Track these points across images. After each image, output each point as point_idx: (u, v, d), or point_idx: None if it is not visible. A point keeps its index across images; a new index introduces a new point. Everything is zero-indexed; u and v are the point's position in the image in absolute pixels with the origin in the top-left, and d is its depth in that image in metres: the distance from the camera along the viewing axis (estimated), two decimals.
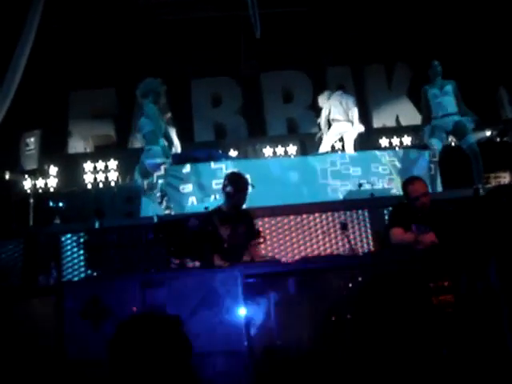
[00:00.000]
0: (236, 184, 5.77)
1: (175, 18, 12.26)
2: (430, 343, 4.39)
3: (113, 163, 12.09)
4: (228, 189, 5.76)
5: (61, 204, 9.27)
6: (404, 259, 4.90)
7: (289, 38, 12.41)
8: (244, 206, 6.06)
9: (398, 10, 12.57)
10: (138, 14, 12.11)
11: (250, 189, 5.90)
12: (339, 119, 10.53)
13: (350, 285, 4.66)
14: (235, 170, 7.65)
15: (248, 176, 6.28)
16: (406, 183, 5.86)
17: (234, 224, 5.72)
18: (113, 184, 11.77)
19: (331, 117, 10.65)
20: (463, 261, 4.78)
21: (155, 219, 7.48)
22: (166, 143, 8.57)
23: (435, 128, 8.93)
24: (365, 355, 4.36)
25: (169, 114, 10.59)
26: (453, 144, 10.28)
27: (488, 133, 11.39)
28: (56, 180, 11.64)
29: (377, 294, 4.64)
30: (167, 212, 7.99)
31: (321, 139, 10.83)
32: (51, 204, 9.29)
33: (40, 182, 11.37)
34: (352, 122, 10.41)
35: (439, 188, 9.02)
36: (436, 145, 8.85)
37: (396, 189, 8.66)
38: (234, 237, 5.66)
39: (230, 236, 5.66)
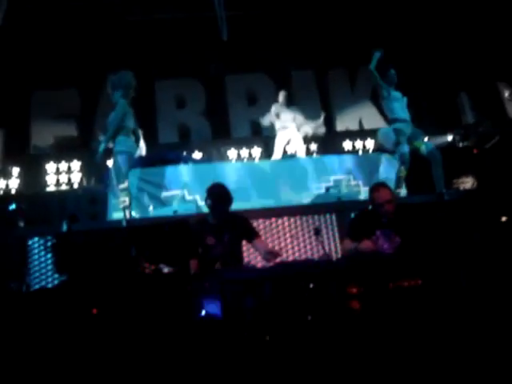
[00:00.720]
0: (215, 197, 5.79)
1: (140, 18, 12.19)
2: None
3: (76, 164, 11.94)
4: (208, 202, 5.81)
5: (23, 206, 9.15)
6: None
7: (254, 40, 12.44)
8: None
9: (362, 14, 12.71)
10: (102, 13, 11.99)
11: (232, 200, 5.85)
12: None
13: (311, 285, 4.74)
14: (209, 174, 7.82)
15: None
16: (372, 189, 5.95)
17: (218, 234, 5.76)
18: (76, 186, 11.63)
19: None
20: (429, 263, 4.90)
21: (124, 223, 7.45)
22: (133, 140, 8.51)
23: (400, 132, 8.92)
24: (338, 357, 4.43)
25: None
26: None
27: (449, 137, 11.61)
28: (18, 181, 11.45)
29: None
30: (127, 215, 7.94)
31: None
32: (14, 206, 9.16)
33: (1, 184, 11.18)
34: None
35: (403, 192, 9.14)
36: (406, 150, 8.88)
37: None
38: (218, 246, 5.70)
39: (214, 246, 5.70)
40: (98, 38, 12.12)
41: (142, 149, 10.14)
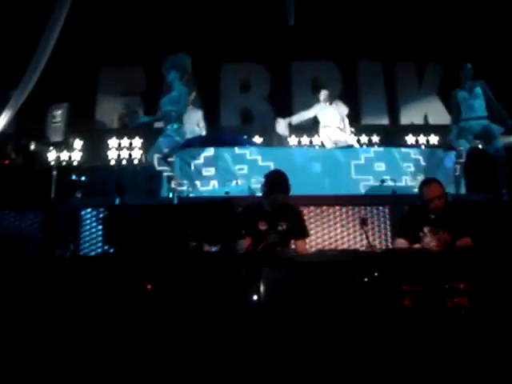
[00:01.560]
0: (272, 184, 5.69)
1: None
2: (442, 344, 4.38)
3: (137, 141, 12.05)
4: (264, 188, 5.73)
5: (83, 178, 9.33)
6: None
7: (322, 27, 12.32)
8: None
9: (434, 9, 12.45)
10: None
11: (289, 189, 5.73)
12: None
13: (366, 279, 4.66)
14: (263, 159, 7.90)
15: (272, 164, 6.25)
16: (422, 185, 5.81)
17: (271, 221, 5.66)
18: (136, 162, 11.78)
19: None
20: (480, 264, 4.75)
21: (175, 200, 7.51)
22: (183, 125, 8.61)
23: (463, 130, 8.91)
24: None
25: (193, 95, 10.60)
26: (480, 147, 10.13)
27: None
28: (80, 154, 11.66)
29: (390, 292, 4.63)
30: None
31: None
32: (74, 177, 9.35)
33: (64, 155, 11.41)
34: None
35: (463, 190, 8.94)
36: (463, 146, 8.81)
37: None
38: (269, 234, 5.60)
39: (266, 232, 5.61)
40: (166, 17, 12.22)
41: (202, 129, 10.27)
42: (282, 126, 10.75)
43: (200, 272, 4.65)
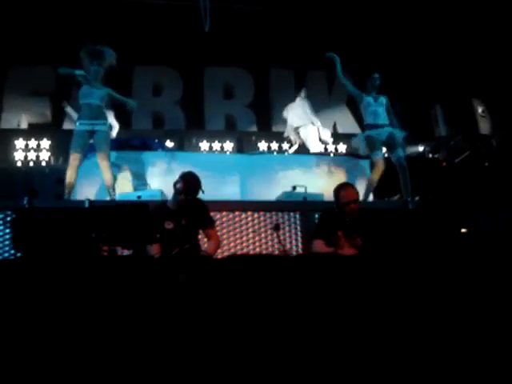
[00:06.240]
0: (187, 184, 5.91)
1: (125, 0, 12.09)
2: None
3: (46, 143, 11.84)
4: (178, 185, 5.90)
5: None
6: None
7: (236, 35, 12.42)
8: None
9: (345, 21, 12.74)
10: None
11: (200, 193, 6.04)
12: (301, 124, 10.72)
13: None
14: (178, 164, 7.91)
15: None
16: (338, 188, 5.96)
17: (177, 218, 5.91)
18: (44, 164, 11.51)
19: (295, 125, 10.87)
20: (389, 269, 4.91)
21: (86, 203, 7.39)
22: None
23: (371, 139, 8.89)
24: None
25: None
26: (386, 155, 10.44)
27: (421, 148, 11.69)
28: None
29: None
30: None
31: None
32: None
33: None
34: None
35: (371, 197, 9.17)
36: (379, 155, 8.86)
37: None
38: (177, 231, 5.85)
39: (174, 230, 5.85)
40: (78, 16, 11.97)
41: (114, 132, 10.14)
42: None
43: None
